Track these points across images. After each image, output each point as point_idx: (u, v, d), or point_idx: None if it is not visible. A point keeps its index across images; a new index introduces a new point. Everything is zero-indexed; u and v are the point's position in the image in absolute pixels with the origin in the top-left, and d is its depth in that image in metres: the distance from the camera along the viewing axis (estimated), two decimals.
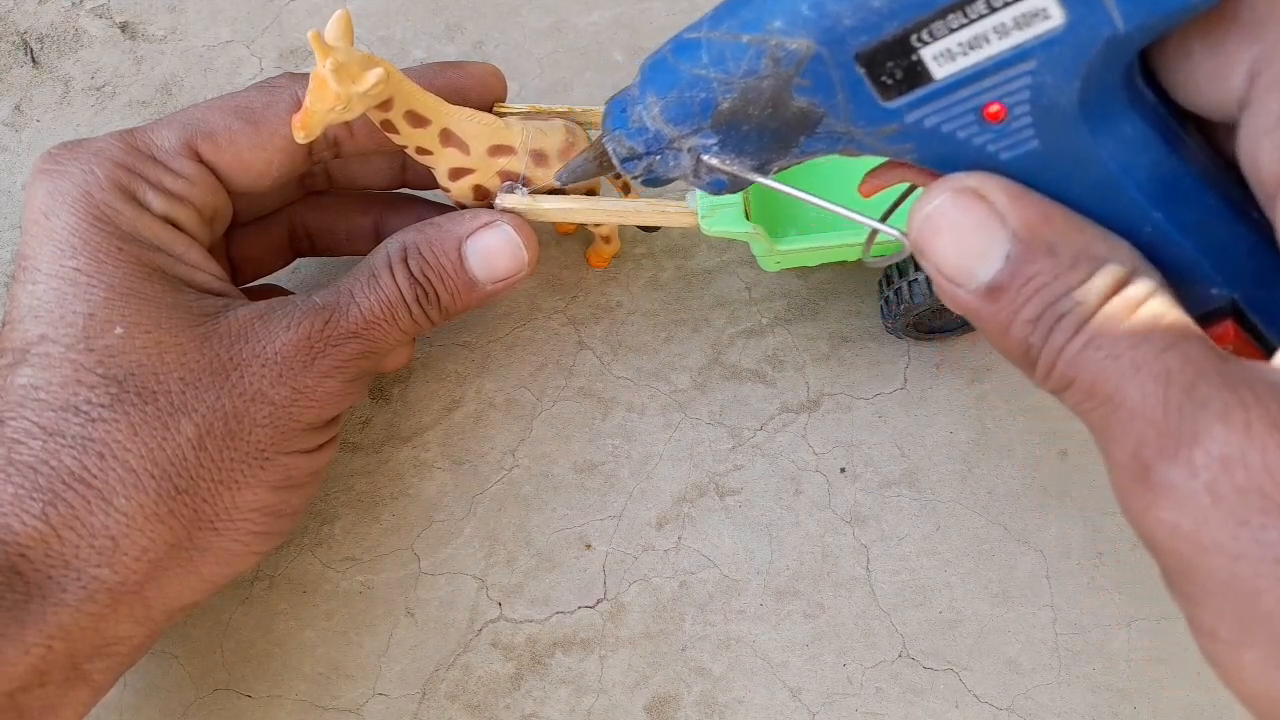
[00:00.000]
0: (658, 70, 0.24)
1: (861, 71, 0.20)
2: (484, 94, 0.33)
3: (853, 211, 0.24)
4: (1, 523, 0.26)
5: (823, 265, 0.36)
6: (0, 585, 0.25)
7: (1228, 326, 0.21)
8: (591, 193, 0.35)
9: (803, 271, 0.39)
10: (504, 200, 0.32)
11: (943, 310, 0.35)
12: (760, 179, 0.24)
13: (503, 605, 0.35)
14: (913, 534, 0.35)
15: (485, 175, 0.32)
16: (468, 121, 0.31)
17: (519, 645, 0.34)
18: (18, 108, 0.44)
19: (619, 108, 0.25)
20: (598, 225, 0.37)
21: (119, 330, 0.27)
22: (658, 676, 0.33)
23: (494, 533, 0.36)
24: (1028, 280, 0.20)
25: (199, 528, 0.28)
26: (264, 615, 0.35)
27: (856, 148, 0.23)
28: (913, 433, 0.36)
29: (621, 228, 0.39)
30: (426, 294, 0.31)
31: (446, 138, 0.30)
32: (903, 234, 0.24)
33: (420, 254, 0.31)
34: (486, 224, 0.31)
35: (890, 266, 0.35)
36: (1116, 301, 0.19)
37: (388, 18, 0.45)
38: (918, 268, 0.33)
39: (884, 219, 0.25)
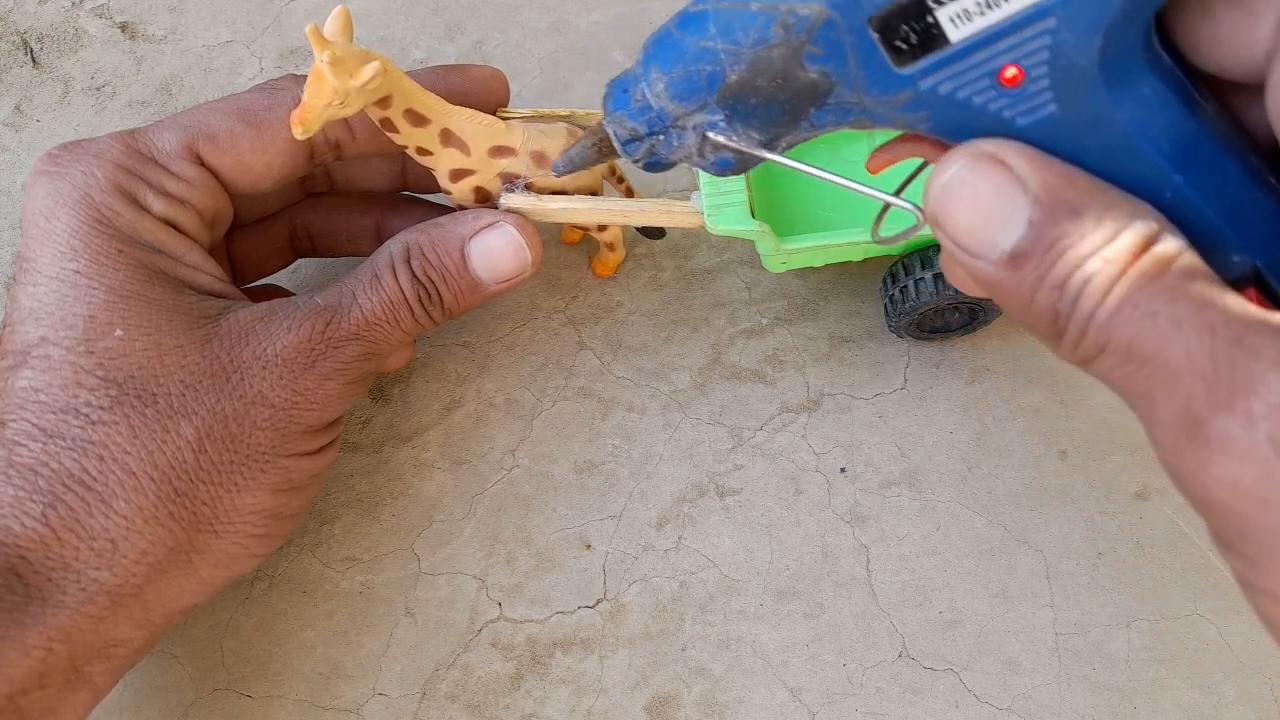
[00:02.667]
0: (662, 46, 0.23)
1: (875, 36, 0.20)
2: (486, 97, 0.33)
3: (864, 185, 0.24)
4: (1, 525, 0.26)
5: (823, 265, 0.36)
6: (0, 587, 0.25)
7: (1250, 294, 0.21)
8: (593, 193, 0.35)
9: (803, 272, 0.39)
10: (508, 200, 0.32)
11: (945, 310, 0.35)
12: (768, 155, 0.23)
13: (503, 605, 0.35)
14: (913, 534, 0.35)
15: (486, 177, 0.32)
16: (468, 122, 0.31)
17: (519, 645, 0.34)
18: (18, 108, 0.44)
19: (620, 89, 0.25)
20: (602, 231, 0.36)
21: (119, 333, 0.27)
22: (658, 676, 0.33)
23: (494, 533, 0.36)
24: (1053, 244, 0.19)
25: (198, 531, 0.28)
26: (264, 615, 0.35)
27: (868, 119, 0.22)
28: (913, 433, 0.36)
29: (622, 232, 0.39)
30: (429, 294, 0.31)
31: (447, 138, 0.30)
32: (917, 207, 0.23)
33: (423, 254, 0.31)
34: (489, 224, 0.31)
35: (895, 265, 0.35)
36: (1146, 259, 0.19)
37: (388, 18, 0.45)
38: (923, 266, 0.33)
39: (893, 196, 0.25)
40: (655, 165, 0.26)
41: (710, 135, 0.23)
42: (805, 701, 0.33)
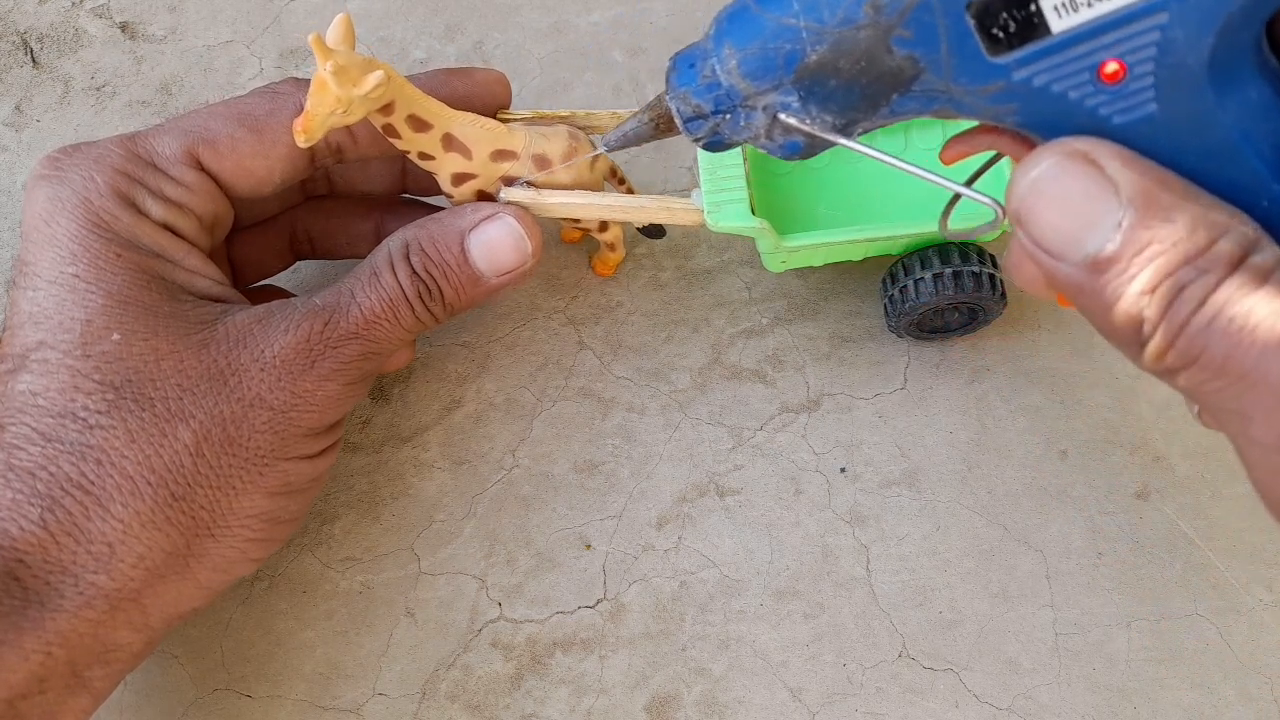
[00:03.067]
0: (737, 21, 0.22)
1: (972, 22, 0.19)
2: (489, 100, 0.33)
3: (937, 175, 0.23)
4: (0, 528, 0.26)
5: (823, 265, 0.36)
6: None
7: None
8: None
9: (803, 271, 0.39)
10: (508, 194, 0.32)
11: (945, 310, 0.35)
12: (843, 140, 0.22)
13: (503, 605, 0.35)
14: (913, 534, 0.35)
15: (488, 180, 0.32)
16: (470, 126, 0.31)
17: (519, 645, 0.34)
18: (18, 108, 0.44)
19: (686, 63, 0.23)
20: (603, 232, 0.36)
21: (116, 337, 0.27)
22: (658, 676, 0.33)
23: (494, 533, 0.36)
24: (1143, 249, 0.19)
25: (196, 535, 0.28)
26: (264, 615, 0.35)
27: (953, 108, 0.21)
28: (913, 433, 0.36)
29: (623, 232, 0.39)
30: (429, 290, 0.31)
31: (449, 142, 0.30)
32: (996, 202, 0.22)
33: (422, 249, 0.31)
34: (489, 216, 0.31)
35: (895, 265, 0.35)
36: (1244, 270, 0.18)
37: (388, 18, 0.45)
38: (923, 266, 0.33)
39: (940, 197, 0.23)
40: (716, 145, 0.25)
41: (781, 117, 0.22)
42: (805, 701, 0.33)
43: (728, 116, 0.23)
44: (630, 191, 0.37)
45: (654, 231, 0.39)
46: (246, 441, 0.28)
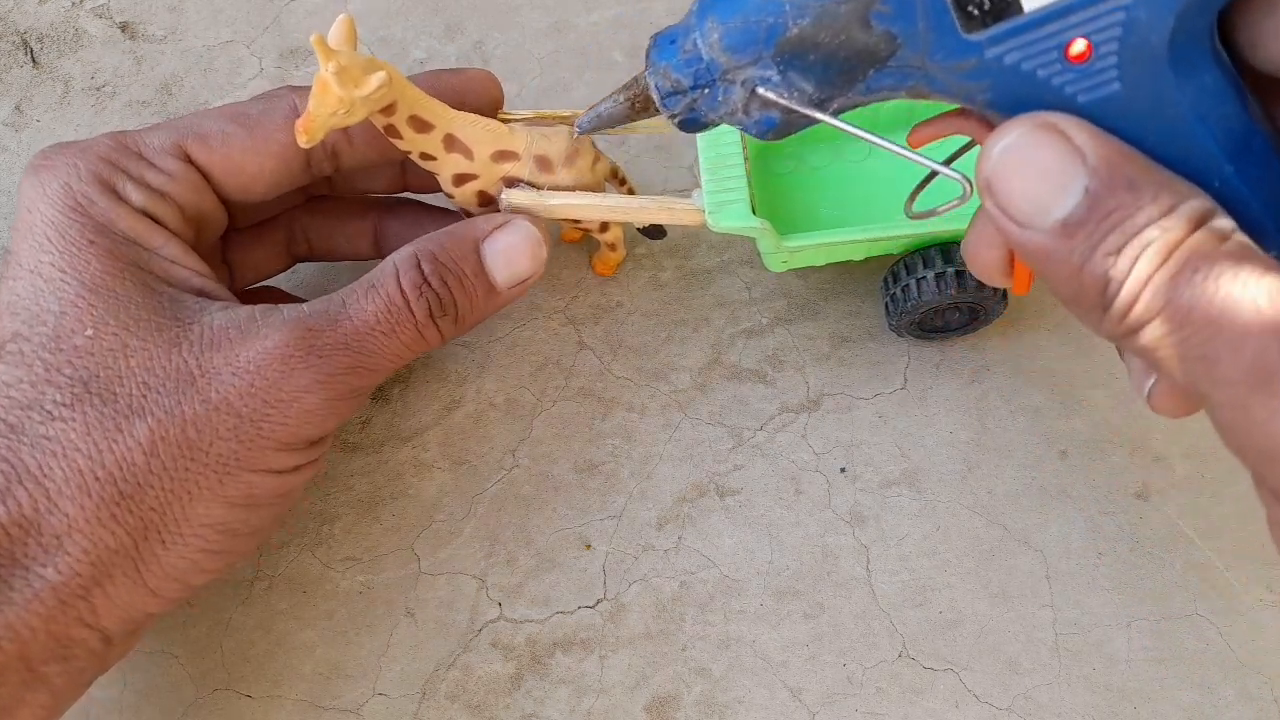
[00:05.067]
0: None
1: None
2: (483, 98, 0.33)
3: (912, 152, 0.24)
4: None
5: (824, 265, 0.36)
6: None
7: None
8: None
9: (803, 271, 0.39)
10: (509, 196, 0.32)
11: (946, 309, 0.35)
12: (820, 115, 0.23)
13: (503, 605, 0.35)
14: (913, 534, 0.35)
15: (489, 181, 0.32)
16: (471, 126, 0.31)
17: (519, 645, 0.34)
18: (18, 108, 0.44)
19: (667, 40, 0.24)
20: (604, 232, 0.36)
21: (89, 332, 0.27)
22: (658, 676, 0.33)
23: (494, 533, 0.36)
24: (1109, 213, 0.20)
25: (145, 537, 0.27)
26: (264, 615, 0.35)
27: (926, 85, 0.22)
28: (913, 433, 0.36)
29: (624, 232, 0.39)
30: (440, 301, 0.30)
31: (450, 143, 0.30)
32: (965, 178, 0.23)
33: (436, 259, 0.30)
34: (502, 225, 0.31)
35: (897, 264, 0.35)
36: (1203, 233, 0.19)
37: (388, 18, 0.45)
38: (925, 265, 0.33)
39: (924, 183, 0.24)
40: (692, 123, 0.25)
41: (760, 90, 0.23)
42: (805, 701, 0.33)
43: (706, 91, 0.24)
44: (631, 192, 0.37)
45: (654, 232, 0.39)
46: (207, 446, 0.27)
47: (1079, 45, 0.20)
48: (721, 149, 0.33)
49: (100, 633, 0.27)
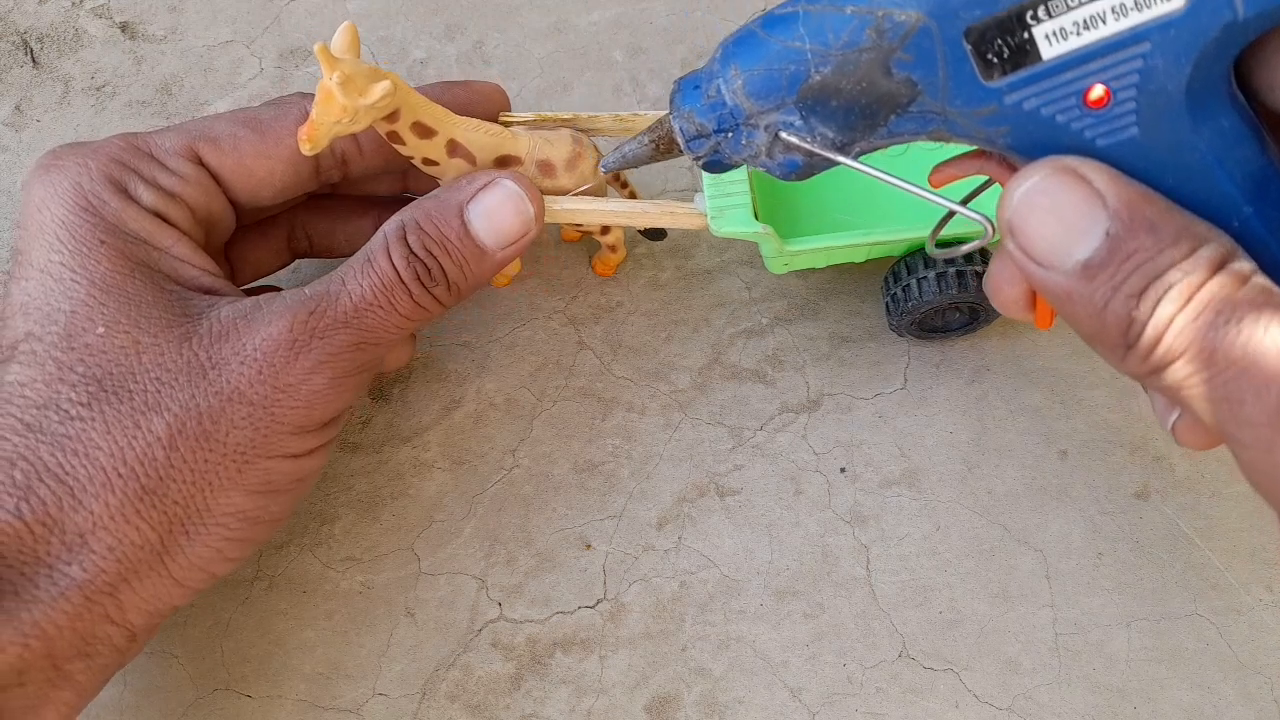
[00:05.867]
0: (743, 45, 0.23)
1: (968, 48, 0.20)
2: (489, 108, 0.33)
3: (932, 192, 0.24)
4: None
5: (825, 266, 0.36)
6: None
7: None
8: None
9: (804, 272, 0.39)
10: None
11: (946, 309, 0.35)
12: (842, 159, 0.23)
13: (503, 605, 0.35)
14: (913, 534, 0.35)
15: None
16: (474, 132, 0.30)
17: (519, 645, 0.34)
18: (18, 108, 0.44)
19: (691, 85, 0.24)
20: (604, 234, 0.36)
21: (100, 330, 0.27)
22: (658, 676, 0.33)
23: (494, 533, 0.36)
24: (1130, 255, 0.20)
25: (170, 530, 0.27)
26: (264, 615, 0.35)
27: (947, 130, 0.22)
28: (913, 433, 0.36)
29: (624, 232, 0.39)
30: (429, 270, 0.29)
31: (453, 148, 0.30)
32: (986, 218, 0.24)
33: (419, 228, 0.29)
34: (485, 185, 0.30)
35: (898, 264, 0.35)
36: (1224, 275, 0.19)
37: (388, 18, 0.45)
38: (926, 265, 0.33)
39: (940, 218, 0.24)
40: (715, 165, 0.25)
41: (783, 135, 0.23)
42: (805, 701, 0.33)
43: (729, 135, 0.24)
44: (633, 195, 0.37)
45: (655, 233, 0.39)
46: (224, 436, 0.28)
47: (1097, 91, 0.20)
48: None
49: (125, 628, 0.28)
